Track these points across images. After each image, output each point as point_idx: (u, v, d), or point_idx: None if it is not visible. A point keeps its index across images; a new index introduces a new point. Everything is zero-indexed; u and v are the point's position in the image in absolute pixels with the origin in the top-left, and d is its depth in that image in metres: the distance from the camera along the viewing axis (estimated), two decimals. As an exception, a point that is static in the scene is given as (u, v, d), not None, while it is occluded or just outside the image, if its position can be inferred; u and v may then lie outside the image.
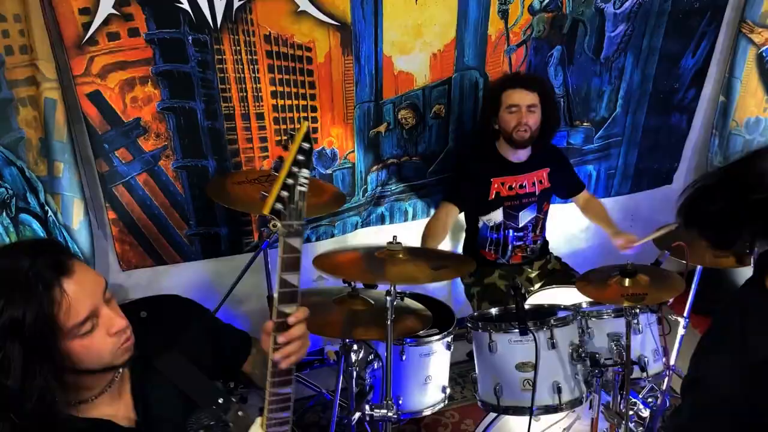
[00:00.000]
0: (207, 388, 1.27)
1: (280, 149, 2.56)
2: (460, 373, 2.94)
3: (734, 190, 1.12)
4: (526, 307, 2.22)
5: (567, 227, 3.27)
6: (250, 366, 1.45)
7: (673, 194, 3.55)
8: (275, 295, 1.13)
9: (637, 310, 1.80)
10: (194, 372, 1.28)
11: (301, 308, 1.15)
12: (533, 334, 1.74)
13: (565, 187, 2.82)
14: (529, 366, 1.79)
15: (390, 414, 1.67)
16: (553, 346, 1.79)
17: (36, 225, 2.15)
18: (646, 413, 2.19)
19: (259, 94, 2.43)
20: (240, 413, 1.23)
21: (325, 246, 2.91)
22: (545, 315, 2.04)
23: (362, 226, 2.94)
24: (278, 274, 1.10)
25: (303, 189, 1.06)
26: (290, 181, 1.04)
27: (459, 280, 2.94)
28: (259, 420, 1.20)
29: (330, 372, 3.14)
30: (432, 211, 2.99)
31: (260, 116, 2.47)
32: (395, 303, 1.70)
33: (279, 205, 1.05)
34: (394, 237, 1.66)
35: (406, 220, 3.00)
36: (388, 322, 1.63)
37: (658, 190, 3.45)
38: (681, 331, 2.55)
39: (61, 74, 2.11)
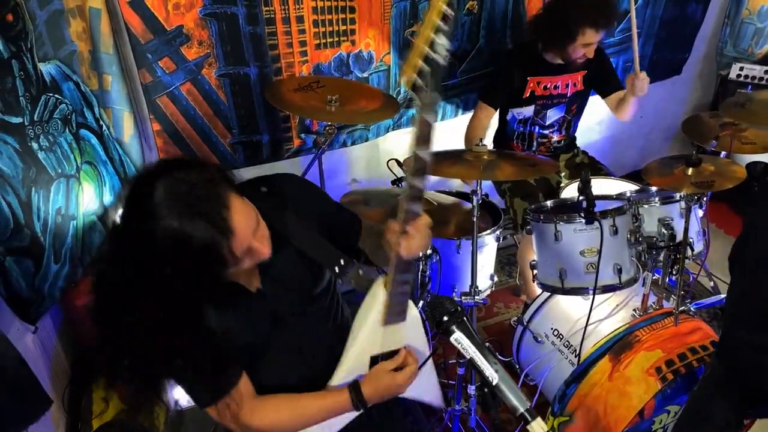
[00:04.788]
0: (329, 250, 1.32)
1: (319, 54, 2.55)
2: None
3: None
4: (563, 197, 2.39)
5: (584, 120, 3.38)
6: (362, 243, 1.48)
7: (681, 83, 3.69)
8: (406, 169, 1.14)
9: (698, 197, 1.97)
10: (315, 237, 1.33)
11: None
12: (599, 223, 1.90)
13: (604, 86, 2.80)
14: (592, 251, 1.97)
15: (478, 299, 1.83)
16: (615, 232, 1.96)
17: (95, 140, 2.14)
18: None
19: (300, -6, 2.38)
20: (360, 272, 1.31)
21: (360, 150, 2.97)
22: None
23: (394, 129, 2.99)
24: (411, 149, 1.10)
25: (441, 62, 0.96)
26: (429, 51, 0.93)
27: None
28: (382, 279, 1.29)
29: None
30: (461, 112, 3.06)
31: (300, 19, 2.43)
32: (472, 202, 1.82)
33: (419, 80, 0.96)
34: (480, 139, 1.74)
35: (435, 121, 3.04)
36: (474, 219, 1.75)
37: (668, 80, 3.56)
38: (700, 213, 2.77)
39: (103, -18, 2.03)
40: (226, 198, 1.04)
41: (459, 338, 0.87)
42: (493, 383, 0.82)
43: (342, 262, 1.30)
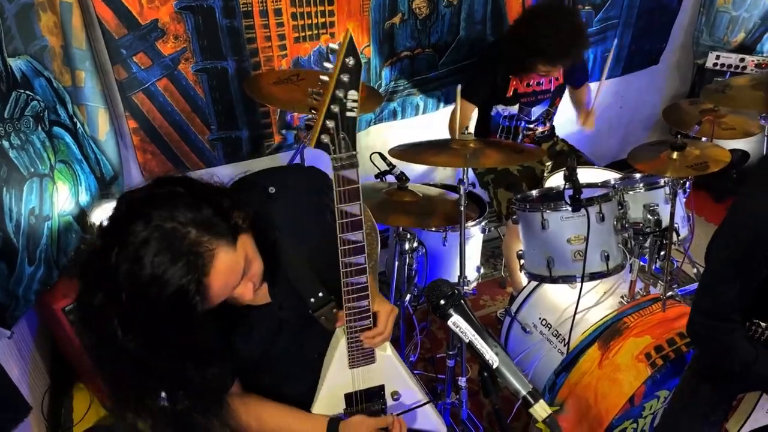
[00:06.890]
0: (311, 280, 1.24)
1: (298, 47, 2.50)
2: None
3: None
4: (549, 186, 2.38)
5: (566, 110, 3.38)
6: None
7: (659, 73, 3.70)
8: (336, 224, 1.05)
9: (683, 181, 1.97)
10: (304, 263, 1.24)
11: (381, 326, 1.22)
12: (586, 210, 1.89)
13: (576, 78, 2.83)
14: (579, 239, 1.96)
15: (467, 289, 1.80)
16: (602, 219, 1.95)
17: (68, 138, 2.07)
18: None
19: (277, -13, 2.34)
20: (335, 310, 1.24)
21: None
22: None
23: (375, 123, 2.96)
24: (336, 206, 1.04)
25: (352, 114, 0.93)
26: (335, 108, 0.92)
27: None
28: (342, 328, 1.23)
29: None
30: (442, 105, 3.04)
31: (278, 12, 2.39)
32: (459, 191, 1.79)
33: (325, 138, 0.94)
34: (466, 128, 1.72)
35: (417, 114, 3.03)
36: (462, 208, 1.73)
37: (646, 70, 3.58)
38: (682, 198, 2.79)
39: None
40: (209, 261, 0.96)
41: (457, 321, 0.84)
42: (494, 366, 0.80)
43: (320, 295, 1.23)
